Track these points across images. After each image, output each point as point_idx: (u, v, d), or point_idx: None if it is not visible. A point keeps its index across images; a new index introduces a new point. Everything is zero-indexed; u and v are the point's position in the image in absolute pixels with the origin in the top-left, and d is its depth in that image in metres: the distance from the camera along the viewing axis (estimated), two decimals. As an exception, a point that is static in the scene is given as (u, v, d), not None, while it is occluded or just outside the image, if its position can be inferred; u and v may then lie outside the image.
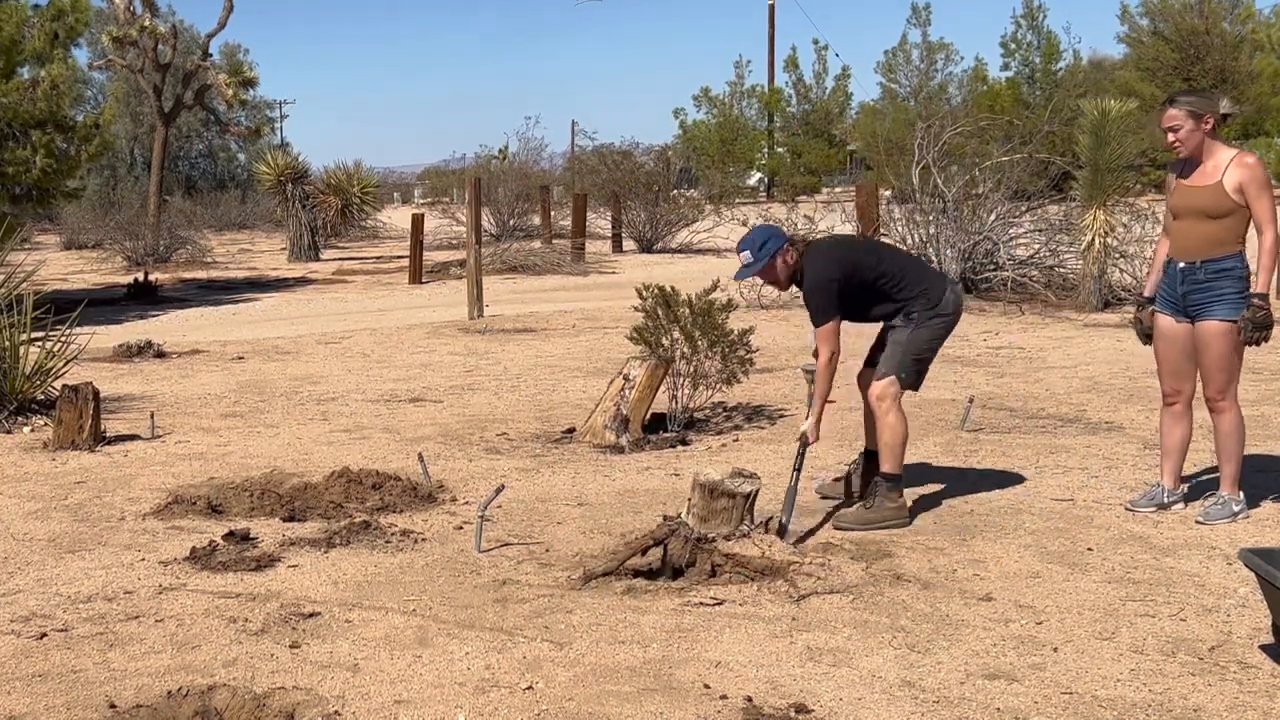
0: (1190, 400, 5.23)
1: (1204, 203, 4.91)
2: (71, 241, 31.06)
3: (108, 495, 6.04)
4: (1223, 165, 4.90)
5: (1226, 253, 4.94)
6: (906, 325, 5.22)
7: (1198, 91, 5.13)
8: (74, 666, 3.85)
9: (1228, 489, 5.16)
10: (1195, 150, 4.95)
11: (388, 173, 59.67)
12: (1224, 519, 5.06)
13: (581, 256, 23.08)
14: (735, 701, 3.50)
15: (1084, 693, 3.57)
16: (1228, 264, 4.95)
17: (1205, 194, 4.91)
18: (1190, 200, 4.96)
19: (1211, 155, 4.94)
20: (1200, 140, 4.92)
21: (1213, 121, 4.90)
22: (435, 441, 7.19)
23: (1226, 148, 4.96)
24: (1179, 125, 4.91)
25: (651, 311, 7.32)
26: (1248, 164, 4.87)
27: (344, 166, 28.37)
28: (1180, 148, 4.95)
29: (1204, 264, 4.96)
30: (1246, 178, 4.84)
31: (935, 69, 48.34)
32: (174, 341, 12.17)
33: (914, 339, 5.21)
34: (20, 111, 16.20)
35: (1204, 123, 4.89)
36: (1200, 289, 4.99)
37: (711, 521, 4.58)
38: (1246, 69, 40.48)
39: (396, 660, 3.85)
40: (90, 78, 39.72)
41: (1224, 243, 4.93)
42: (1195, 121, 4.89)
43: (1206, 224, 4.92)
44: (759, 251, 5.27)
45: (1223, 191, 4.87)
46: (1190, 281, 5.00)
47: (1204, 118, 4.89)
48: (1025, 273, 14.05)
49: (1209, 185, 4.90)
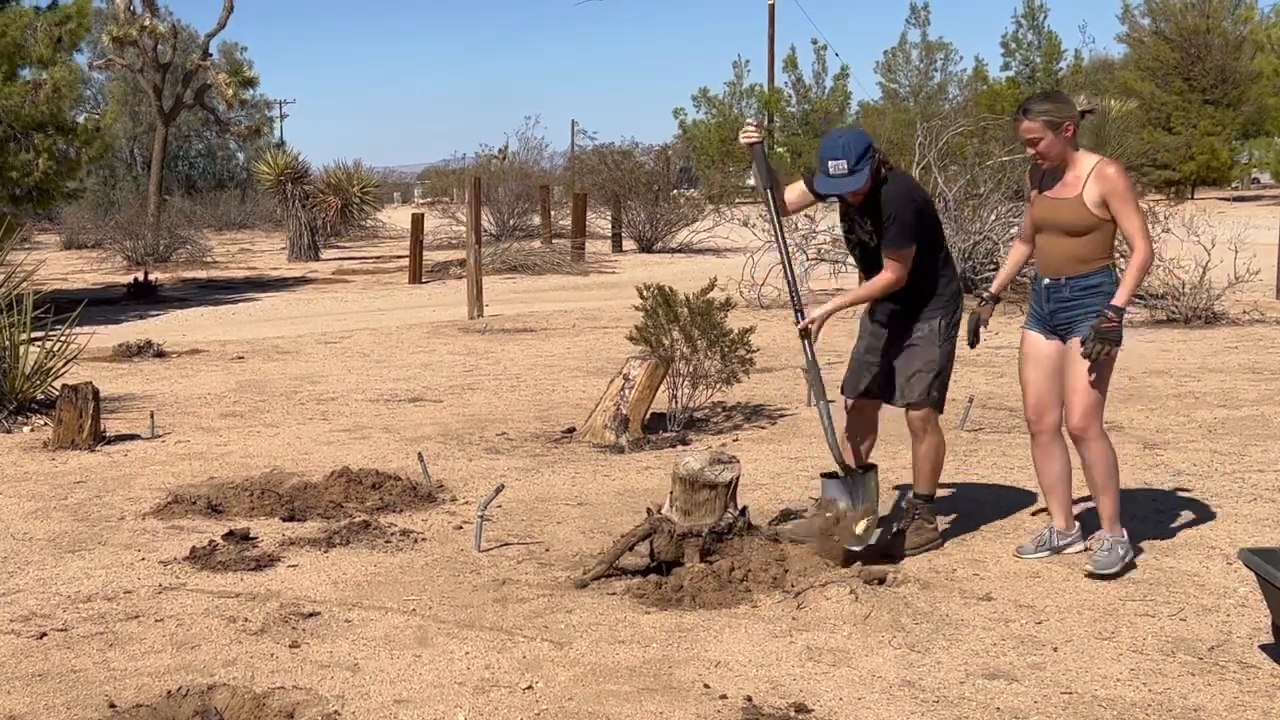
0: (1058, 428, 4.74)
1: (1065, 218, 4.51)
2: (71, 241, 31.05)
3: (107, 495, 6.04)
4: (1083, 177, 4.47)
5: (1092, 269, 4.51)
6: (934, 337, 4.80)
7: (1053, 96, 4.67)
8: (74, 666, 3.85)
9: (1108, 528, 4.64)
10: (1057, 160, 4.52)
11: (387, 172, 59.63)
12: (1114, 566, 4.50)
13: (581, 256, 23.09)
14: (735, 701, 3.50)
15: (1084, 692, 3.57)
16: (1095, 280, 4.51)
17: (1065, 208, 4.50)
18: (1050, 214, 4.56)
19: (1073, 165, 4.51)
20: (1062, 149, 4.49)
21: (1072, 128, 4.47)
22: (435, 441, 7.19)
23: (1088, 156, 4.53)
24: (1038, 137, 4.48)
25: (651, 311, 7.32)
26: (1108, 175, 4.43)
27: (344, 166, 28.36)
28: (1043, 161, 4.54)
29: (1069, 280, 4.54)
30: (1108, 190, 4.42)
31: (935, 69, 48.35)
32: (174, 341, 12.17)
33: (943, 353, 4.81)
34: (22, 114, 16.21)
35: (1064, 131, 4.46)
36: (1067, 307, 4.56)
37: (695, 514, 4.55)
38: (1247, 69, 40.43)
39: (396, 660, 3.85)
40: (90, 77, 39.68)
41: (1089, 259, 4.51)
42: (1054, 131, 4.45)
43: (1070, 240, 4.51)
44: (858, 161, 4.62)
45: (1083, 205, 4.46)
46: (1056, 300, 4.58)
47: (1063, 125, 4.45)
48: (1025, 272, 14.01)
49: (1069, 199, 4.49)
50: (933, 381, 4.81)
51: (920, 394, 4.81)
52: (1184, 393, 8.23)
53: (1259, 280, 12.65)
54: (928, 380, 4.80)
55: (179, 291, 19.55)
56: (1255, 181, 51.71)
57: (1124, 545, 4.61)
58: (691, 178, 43.19)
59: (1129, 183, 4.49)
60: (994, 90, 43.29)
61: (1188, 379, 8.77)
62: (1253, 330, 11.40)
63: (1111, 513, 4.63)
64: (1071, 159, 4.51)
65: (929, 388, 4.81)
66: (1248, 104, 40.23)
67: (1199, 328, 11.59)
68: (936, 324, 4.83)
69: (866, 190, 4.70)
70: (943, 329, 4.83)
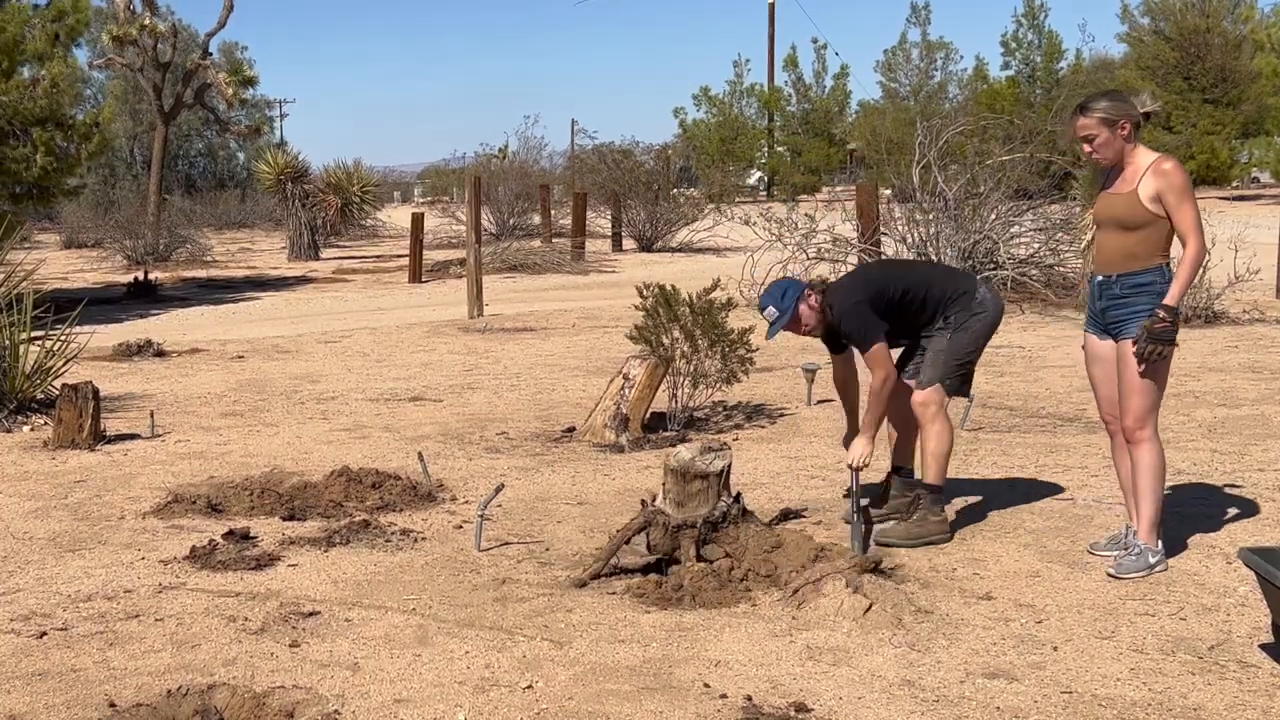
0: None
1: (1119, 212, 4.51)
2: (71, 240, 31.06)
3: (107, 494, 6.04)
4: (1140, 172, 4.48)
5: (1144, 266, 4.48)
6: (945, 330, 4.99)
7: (1111, 94, 4.68)
8: (74, 665, 3.85)
9: (1145, 536, 4.57)
10: (1114, 158, 4.54)
11: (387, 171, 59.62)
12: (1137, 572, 4.49)
13: (581, 255, 23.09)
14: (735, 700, 3.50)
15: (1084, 691, 3.57)
16: (1145, 279, 4.47)
17: (1120, 203, 4.51)
18: (1108, 209, 4.56)
19: (1131, 161, 4.53)
20: (1119, 147, 4.51)
21: (1129, 126, 4.48)
22: (435, 440, 7.19)
23: (1148, 153, 4.53)
24: (1093, 134, 4.50)
25: (652, 310, 7.32)
26: (1164, 170, 4.42)
27: (344, 165, 28.36)
28: (1098, 158, 4.57)
29: (1120, 278, 4.51)
30: (1163, 186, 4.41)
31: (935, 68, 48.33)
32: (174, 340, 12.17)
33: (954, 344, 4.98)
34: (21, 110, 16.21)
35: (1120, 128, 4.47)
36: (1118, 304, 4.54)
37: (689, 505, 4.53)
38: (1247, 68, 40.42)
39: (396, 659, 3.85)
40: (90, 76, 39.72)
41: (1141, 256, 4.48)
42: (1109, 129, 4.47)
43: (1123, 235, 4.51)
44: (781, 302, 5.06)
45: (1137, 201, 4.45)
46: (1108, 296, 4.56)
47: (1119, 123, 4.47)
48: (1025, 272, 14.04)
49: (1125, 194, 4.50)
50: (946, 365, 4.98)
51: (932, 375, 4.99)
52: (1184, 392, 8.23)
53: (1259, 279, 12.65)
54: (941, 363, 4.99)
55: (179, 291, 19.55)
56: (1255, 181, 51.69)
57: (1155, 554, 4.56)
58: (691, 177, 43.15)
59: (1186, 179, 4.47)
60: (994, 89, 43.28)
61: (1188, 378, 8.77)
62: (1253, 329, 11.40)
63: (1150, 520, 4.56)
64: (1130, 156, 4.52)
65: (943, 372, 4.98)
66: (1247, 103, 40.19)
67: (1199, 327, 11.58)
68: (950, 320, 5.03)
69: (815, 323, 5.09)
70: (954, 320, 5.01)
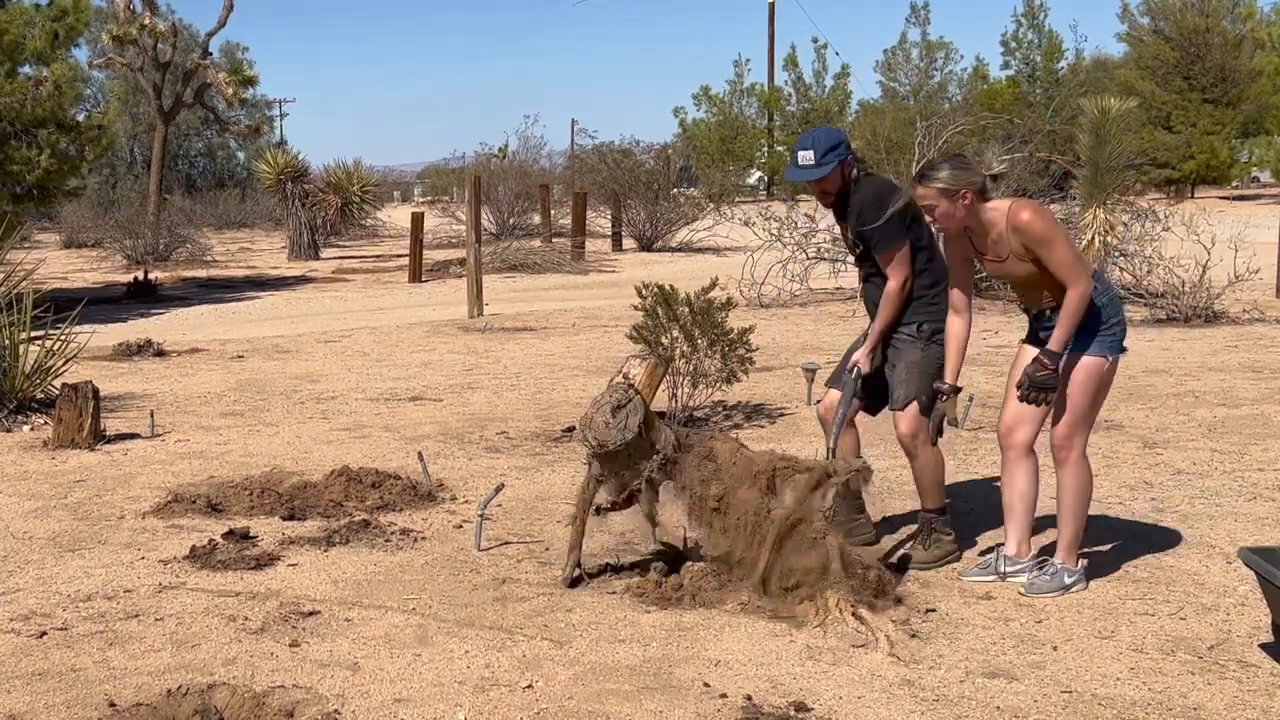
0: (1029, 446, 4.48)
1: (1014, 275, 4.34)
2: (71, 240, 31.06)
3: (107, 494, 6.04)
4: (1005, 234, 4.25)
5: None
6: (917, 341, 4.73)
7: (953, 161, 4.38)
8: (74, 665, 3.85)
9: (1062, 556, 4.41)
10: (957, 227, 4.33)
11: (387, 171, 59.66)
12: (1051, 593, 4.32)
13: (581, 255, 23.09)
14: (735, 700, 3.50)
15: (1083, 691, 3.57)
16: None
17: (1010, 268, 4.32)
18: (1002, 274, 4.43)
19: (992, 224, 4.28)
20: (962, 216, 4.28)
21: (971, 194, 4.24)
22: (435, 440, 7.19)
23: (998, 208, 4.28)
24: (932, 204, 4.30)
25: (651, 310, 7.32)
26: (1021, 224, 4.19)
27: (344, 165, 28.36)
28: (941, 228, 4.38)
29: (1053, 311, 4.30)
30: (1027, 240, 4.19)
31: (935, 68, 48.33)
32: (174, 340, 12.17)
33: (927, 358, 4.70)
34: (23, 112, 16.20)
35: (961, 198, 4.24)
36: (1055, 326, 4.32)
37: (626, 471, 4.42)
38: (1247, 67, 40.43)
39: (396, 659, 3.85)
40: (90, 76, 39.74)
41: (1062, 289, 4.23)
42: (950, 199, 4.25)
43: (1034, 283, 4.30)
44: (825, 155, 4.68)
45: (1019, 263, 4.27)
46: (1044, 325, 4.37)
47: (960, 192, 4.24)
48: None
49: (1005, 260, 4.30)
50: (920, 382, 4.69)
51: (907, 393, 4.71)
52: (1184, 391, 8.23)
53: (1259, 279, 12.65)
54: (915, 381, 4.70)
55: (179, 290, 19.55)
56: (1255, 180, 51.72)
57: (1073, 574, 4.38)
58: (691, 177, 43.17)
59: (1045, 223, 4.21)
60: (994, 89, 43.29)
61: (1188, 378, 8.77)
62: (1253, 329, 11.40)
63: (1070, 541, 4.40)
64: (986, 220, 4.29)
65: (916, 389, 4.70)
66: (1247, 103, 40.22)
67: (1199, 326, 11.59)
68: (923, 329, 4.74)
69: (835, 189, 4.77)
70: (927, 331, 4.73)
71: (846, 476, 4.32)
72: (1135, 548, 4.84)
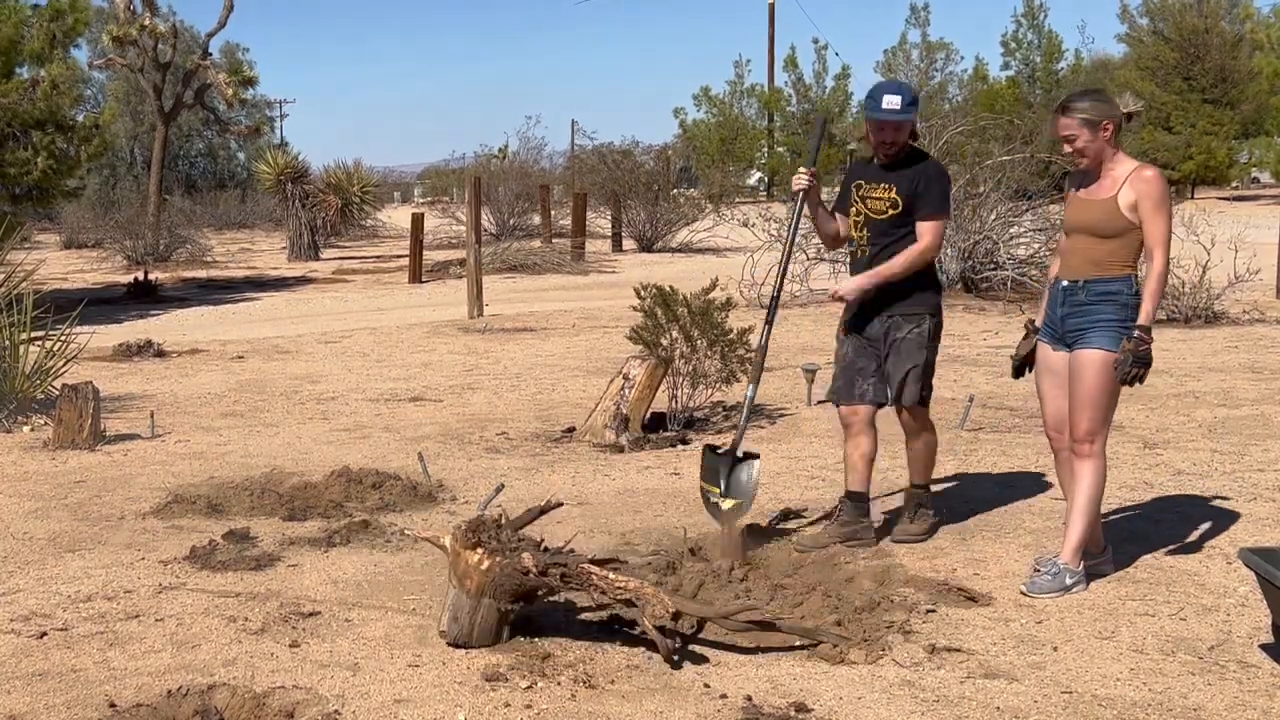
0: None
1: (1095, 219, 4.36)
2: (71, 241, 31.06)
3: (108, 494, 6.04)
4: (1120, 179, 4.32)
5: (1114, 274, 4.33)
6: (923, 344, 4.89)
7: (1093, 93, 4.47)
8: (74, 665, 3.85)
9: (1067, 556, 4.35)
10: (1095, 160, 4.36)
11: (387, 172, 59.60)
12: (1050, 593, 4.27)
13: (581, 256, 23.09)
14: (735, 700, 3.50)
15: (1083, 692, 3.57)
16: (1114, 287, 4.33)
17: (1097, 209, 4.35)
18: (1082, 215, 4.41)
19: (1111, 167, 4.36)
20: (1100, 149, 4.33)
21: (1112, 127, 4.31)
22: (435, 441, 7.19)
23: (1128, 160, 4.36)
24: (1074, 135, 4.33)
25: (650, 311, 7.32)
26: (1145, 179, 4.28)
27: (344, 166, 28.38)
28: (1080, 159, 4.40)
29: (1087, 284, 4.35)
30: (1142, 193, 4.26)
31: (935, 68, 48.32)
32: (174, 341, 12.17)
33: (930, 356, 4.93)
34: (20, 112, 16.20)
35: (1102, 130, 4.30)
36: (1080, 312, 4.37)
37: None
38: (1246, 68, 40.43)
39: (396, 659, 3.85)
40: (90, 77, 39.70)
41: (1111, 264, 4.33)
42: (1091, 130, 4.30)
43: (1095, 243, 4.36)
44: (908, 106, 4.84)
45: (1116, 209, 4.30)
46: (1071, 303, 4.39)
47: (1101, 124, 4.29)
48: (1025, 272, 14.05)
49: (1102, 200, 4.34)
50: (924, 378, 4.98)
51: (914, 397, 4.96)
52: (1184, 392, 8.23)
53: (1259, 280, 12.66)
54: (920, 383, 4.96)
55: (179, 291, 19.54)
56: (1255, 181, 51.71)
57: (1074, 576, 4.33)
58: (691, 177, 43.17)
59: (1165, 191, 4.33)
60: (994, 90, 43.28)
61: (1188, 378, 8.77)
62: (1253, 330, 11.40)
63: (1077, 542, 4.35)
64: (1110, 160, 4.36)
65: (921, 388, 4.97)
66: (1247, 103, 40.22)
67: (1199, 327, 11.59)
68: (925, 328, 4.93)
69: (904, 140, 4.89)
70: (930, 332, 4.95)
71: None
72: (1135, 548, 4.84)
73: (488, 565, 3.83)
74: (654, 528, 5.26)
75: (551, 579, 3.83)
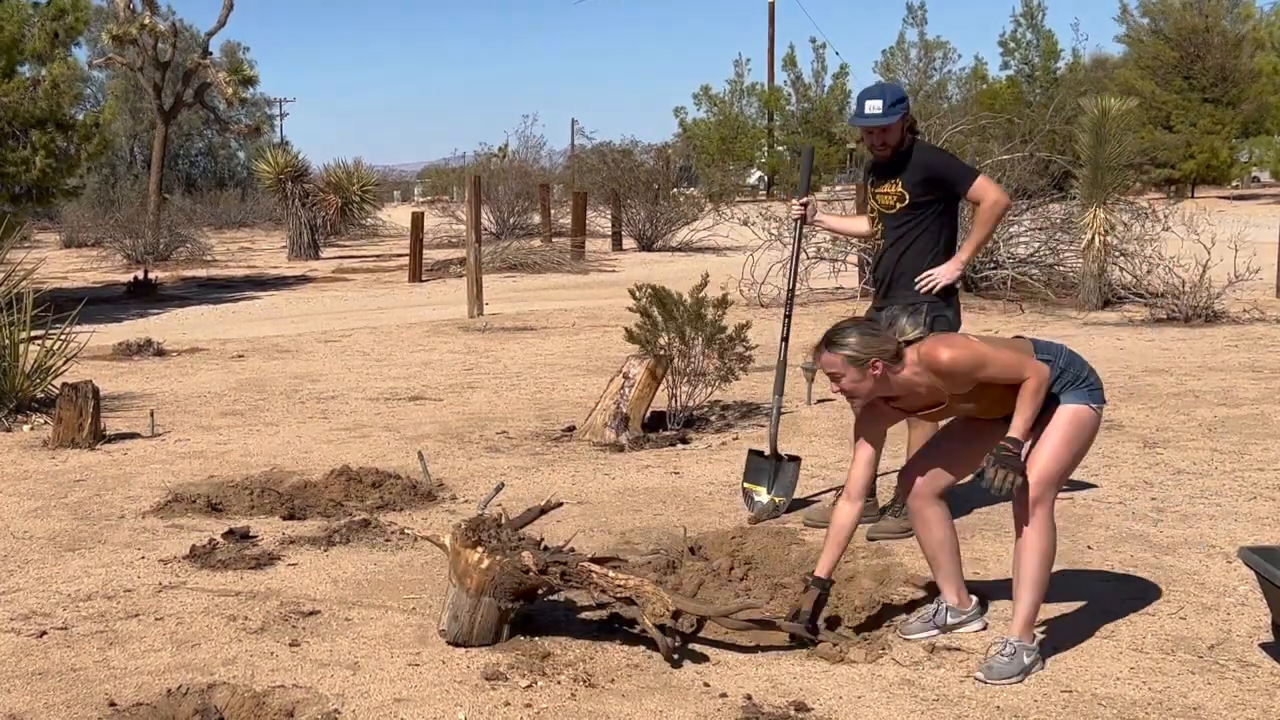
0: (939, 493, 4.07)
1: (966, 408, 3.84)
2: (71, 240, 31.05)
3: (107, 493, 6.04)
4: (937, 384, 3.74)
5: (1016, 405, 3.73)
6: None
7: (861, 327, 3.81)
8: (74, 664, 3.85)
9: (1019, 631, 3.74)
10: (869, 395, 3.83)
11: (387, 171, 59.62)
12: (1012, 677, 3.65)
13: (581, 255, 23.08)
14: (735, 699, 3.50)
15: (1083, 691, 3.57)
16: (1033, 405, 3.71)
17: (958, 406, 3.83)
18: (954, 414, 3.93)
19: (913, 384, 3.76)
20: (873, 387, 3.77)
21: (882, 365, 3.70)
22: (435, 440, 7.19)
23: (910, 364, 3.74)
24: (839, 373, 3.76)
25: (645, 310, 7.31)
26: (945, 367, 3.68)
27: (344, 165, 28.34)
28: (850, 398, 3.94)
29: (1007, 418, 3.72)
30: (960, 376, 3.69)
31: (933, 68, 48.31)
32: (174, 339, 12.17)
33: None
34: (21, 111, 16.19)
35: (870, 368, 3.71)
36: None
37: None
38: (1247, 67, 40.43)
39: (396, 659, 3.85)
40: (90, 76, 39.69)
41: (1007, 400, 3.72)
42: (859, 370, 3.72)
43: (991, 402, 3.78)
44: (892, 106, 4.89)
45: (963, 400, 3.78)
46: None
47: (869, 363, 3.70)
48: (1025, 271, 14.05)
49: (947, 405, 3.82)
50: None
51: None
52: (1184, 391, 8.23)
53: (1259, 279, 12.65)
54: None
55: (179, 290, 19.54)
56: (1255, 180, 51.71)
57: (1031, 653, 3.73)
58: (691, 176, 43.15)
59: (967, 349, 3.70)
60: (993, 89, 43.29)
61: (1188, 377, 8.77)
62: (1253, 329, 11.40)
63: (1028, 615, 3.75)
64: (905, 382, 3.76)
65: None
66: (1247, 102, 40.22)
67: (1199, 326, 11.59)
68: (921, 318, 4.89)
69: (895, 142, 4.98)
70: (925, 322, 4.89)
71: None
72: (1135, 548, 4.84)
73: (488, 564, 3.83)
74: (654, 527, 5.26)
75: (551, 577, 3.84)
